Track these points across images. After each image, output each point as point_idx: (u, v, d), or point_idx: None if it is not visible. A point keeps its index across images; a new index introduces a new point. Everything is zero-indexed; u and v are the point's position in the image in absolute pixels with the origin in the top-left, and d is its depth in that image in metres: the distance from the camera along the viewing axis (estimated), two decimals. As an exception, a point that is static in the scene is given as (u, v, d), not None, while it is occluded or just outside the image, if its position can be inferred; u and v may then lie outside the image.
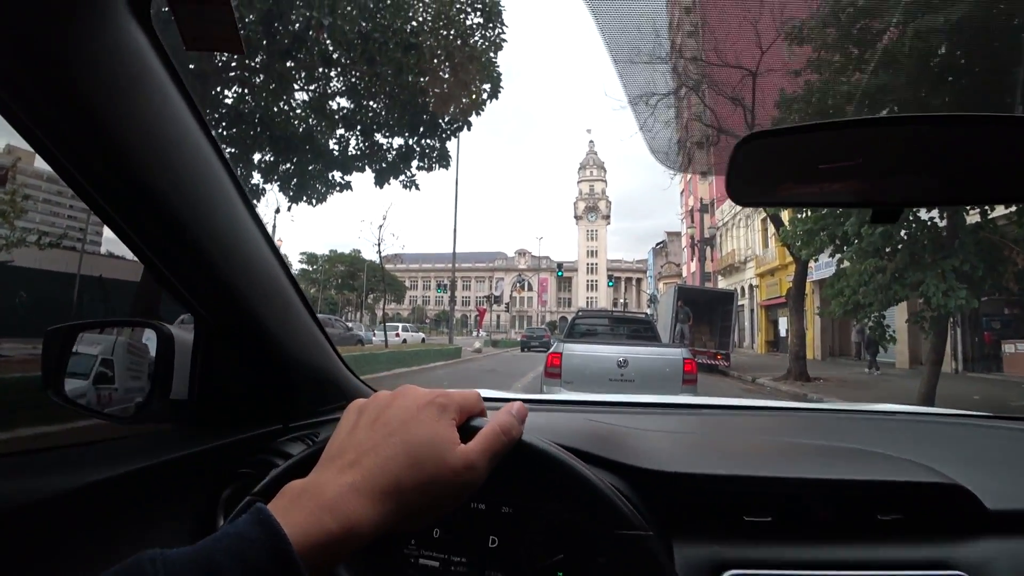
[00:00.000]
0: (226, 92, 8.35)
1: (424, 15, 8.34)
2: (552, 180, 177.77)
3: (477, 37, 8.69)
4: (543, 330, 34.86)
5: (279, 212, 17.54)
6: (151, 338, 0.73)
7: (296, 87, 8.87)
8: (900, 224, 7.38)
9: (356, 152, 9.97)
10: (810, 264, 12.91)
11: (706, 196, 34.99)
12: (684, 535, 0.60)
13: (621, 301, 74.15)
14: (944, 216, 7.26)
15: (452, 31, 8.41)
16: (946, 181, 0.64)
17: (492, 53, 8.87)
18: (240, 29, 0.58)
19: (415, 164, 10.05)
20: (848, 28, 7.73)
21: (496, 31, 8.74)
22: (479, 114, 9.55)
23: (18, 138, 0.50)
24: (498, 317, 69.13)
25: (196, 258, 0.62)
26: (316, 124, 9.37)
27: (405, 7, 7.91)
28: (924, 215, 7.48)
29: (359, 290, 51.39)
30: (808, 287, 13.83)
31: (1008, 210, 7.29)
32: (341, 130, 9.75)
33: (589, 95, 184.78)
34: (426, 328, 47.39)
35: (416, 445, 0.40)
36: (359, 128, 9.68)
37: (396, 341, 24.66)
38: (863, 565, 0.58)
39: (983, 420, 1.13)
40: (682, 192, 41.84)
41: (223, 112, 8.28)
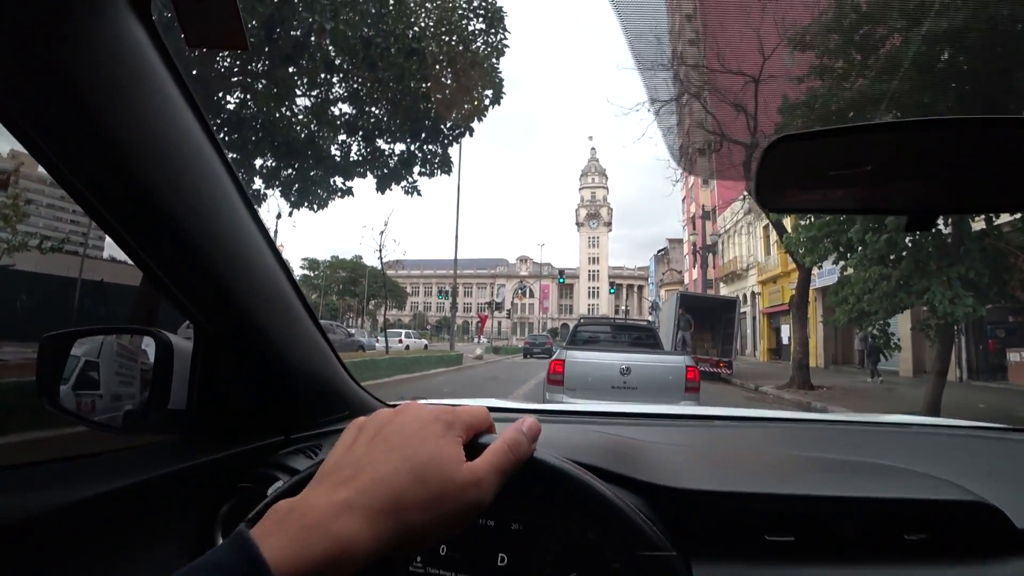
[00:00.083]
0: (228, 97, 8.37)
1: (426, 20, 8.36)
2: (554, 187, 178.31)
3: (479, 43, 8.70)
4: (545, 337, 35.05)
5: (280, 217, 17.55)
6: (149, 346, 0.71)
7: (298, 93, 8.89)
8: (904, 231, 7.34)
9: (358, 158, 9.97)
10: (813, 271, 12.86)
11: (708, 203, 35.01)
12: (704, 556, 0.58)
13: (623, 308, 74.12)
14: (949, 223, 7.20)
15: (454, 37, 8.42)
16: (988, 186, 0.60)
17: (494, 59, 8.89)
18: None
19: (417, 170, 10.05)
20: (851, 34, 7.73)
21: (498, 37, 8.75)
22: (481, 120, 9.58)
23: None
24: (499, 324, 69.04)
25: (196, 263, 0.60)
26: (318, 130, 9.38)
27: (407, 12, 7.93)
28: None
29: (361, 296, 51.45)
30: (811, 294, 13.77)
31: (1013, 217, 7.24)
32: (343, 136, 9.76)
33: (591, 102, 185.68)
34: (427, 334, 47.45)
35: (420, 462, 0.38)
36: (361, 134, 9.69)
37: (399, 347, 24.64)
38: None
39: (1000, 432, 1.09)
40: (684, 199, 41.86)
41: (225, 117, 8.29)
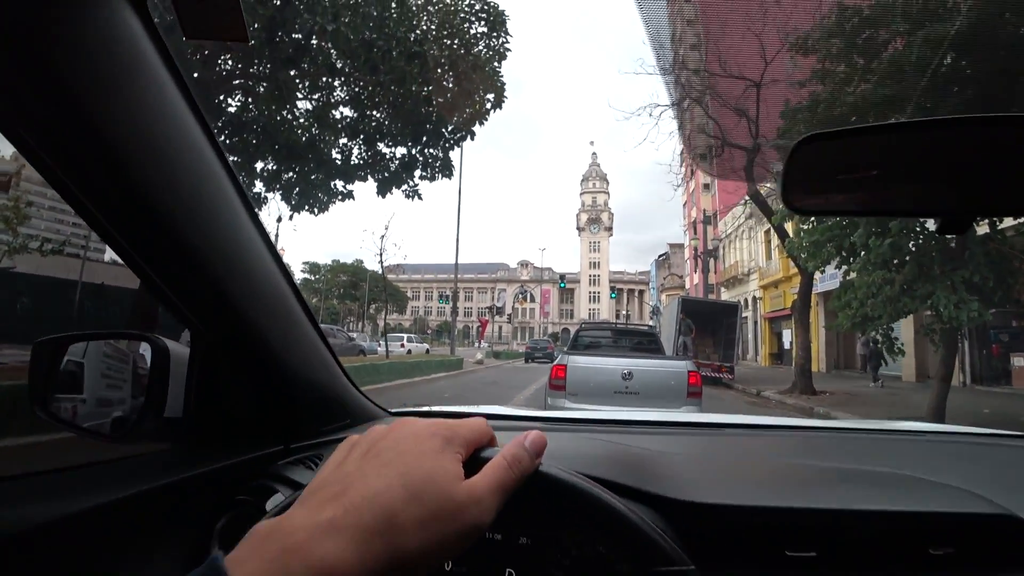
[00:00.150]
0: (229, 100, 8.36)
1: (428, 24, 8.35)
2: (555, 191, 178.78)
3: (481, 46, 8.70)
4: (547, 341, 35.23)
5: (281, 221, 17.52)
6: (146, 351, 0.69)
7: (299, 96, 8.88)
8: (908, 235, 7.31)
9: (359, 161, 9.96)
10: (815, 276, 12.82)
11: (709, 208, 35.00)
12: (722, 572, 0.56)
13: (623, 313, 74.04)
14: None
15: (456, 40, 8.42)
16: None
17: (496, 62, 8.87)
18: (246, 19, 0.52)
19: (418, 174, 10.03)
20: (853, 38, 7.71)
21: (500, 40, 8.74)
22: (483, 124, 9.59)
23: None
24: (500, 328, 68.96)
25: (193, 266, 0.58)
26: (319, 133, 9.37)
27: (409, 16, 7.92)
28: (932, 226, 7.37)
29: (361, 300, 51.41)
30: (813, 299, 13.71)
31: (1017, 221, 7.20)
32: (344, 139, 9.75)
33: (592, 107, 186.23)
34: (428, 339, 47.38)
35: (415, 478, 0.35)
36: (362, 137, 9.67)
37: (401, 352, 24.60)
38: None
39: (1016, 440, 1.06)
40: (685, 204, 41.86)
41: (226, 120, 8.28)
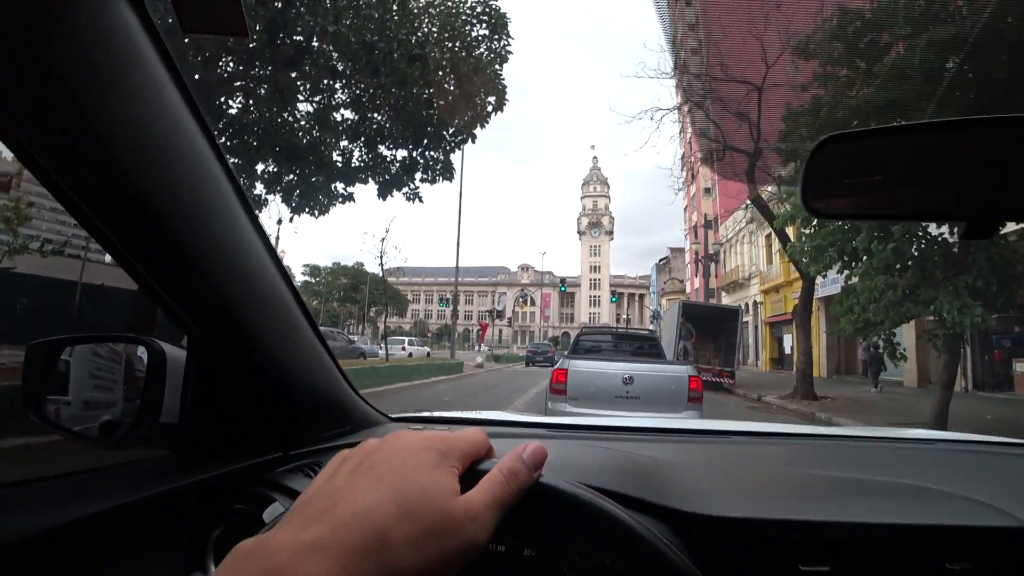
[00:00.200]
0: (230, 102, 8.35)
1: (429, 26, 8.35)
2: (556, 195, 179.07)
3: (483, 49, 8.69)
4: (547, 345, 35.42)
5: (281, 223, 17.49)
6: (142, 355, 0.68)
7: (300, 98, 8.88)
8: (911, 240, 7.28)
9: (359, 164, 9.96)
10: (816, 281, 12.78)
11: (710, 212, 35.00)
12: None
13: (624, 317, 73.99)
14: (955, 231, 7.13)
15: (457, 42, 8.41)
16: None
17: (497, 65, 8.86)
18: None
19: (418, 176, 10.03)
20: (855, 42, 7.70)
21: (501, 43, 8.73)
22: (484, 126, 9.57)
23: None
24: (500, 332, 68.91)
25: (189, 269, 0.56)
26: (320, 135, 9.36)
27: (410, 18, 7.91)
28: (934, 230, 7.36)
29: (361, 303, 51.38)
30: (814, 304, 13.66)
31: (1019, 226, 7.16)
32: (345, 141, 9.75)
33: (593, 110, 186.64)
34: (429, 342, 47.36)
35: (408, 493, 0.33)
36: (363, 139, 9.67)
37: (402, 355, 24.59)
38: None
39: None
40: (686, 208, 41.85)
41: (227, 122, 8.27)
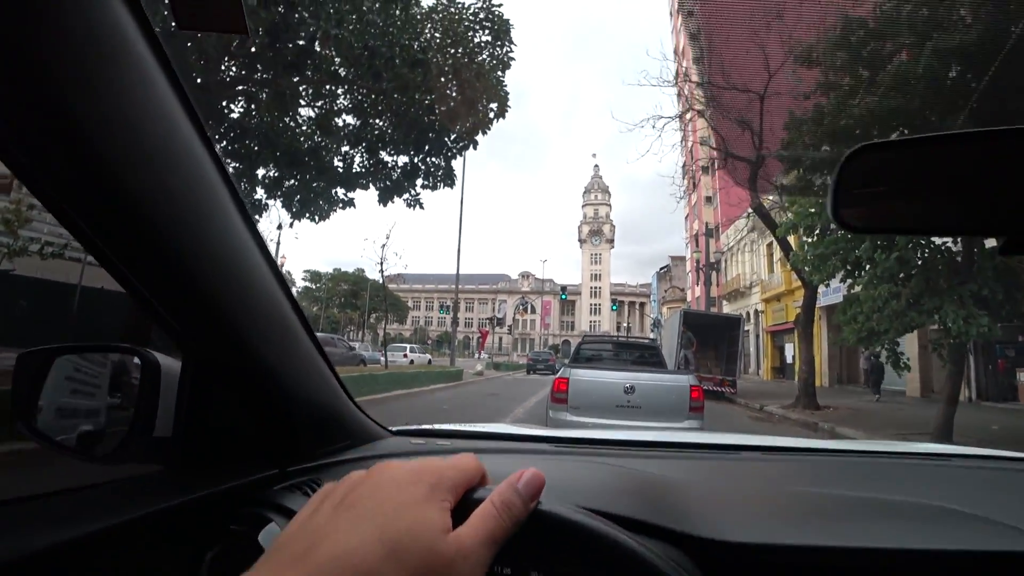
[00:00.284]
0: (231, 106, 8.35)
1: (432, 31, 8.35)
2: (557, 203, 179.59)
3: (485, 55, 8.69)
4: (548, 353, 35.83)
5: (282, 228, 17.48)
6: (137, 365, 0.65)
7: (302, 103, 8.88)
8: (915, 249, 7.25)
9: (361, 169, 9.96)
10: (818, 290, 12.75)
11: (711, 220, 35.03)
12: None
13: (624, 325, 73.92)
14: (958, 240, 7.10)
15: (460, 48, 8.41)
16: None
17: (500, 71, 8.86)
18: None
19: (420, 182, 10.03)
20: (858, 50, 7.70)
21: (504, 49, 8.73)
22: (486, 133, 9.56)
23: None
24: (500, 339, 68.82)
25: (182, 276, 0.54)
26: (321, 140, 9.36)
27: (413, 23, 7.92)
28: (937, 239, 7.33)
29: (362, 309, 51.37)
30: (816, 313, 13.62)
31: None
32: (346, 147, 9.75)
33: (594, 118, 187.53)
34: (430, 349, 47.33)
35: (395, 532, 0.31)
36: (364, 145, 9.67)
37: (404, 362, 24.60)
38: None
39: None
40: (687, 216, 41.90)
41: (228, 126, 8.26)
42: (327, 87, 8.70)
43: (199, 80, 7.25)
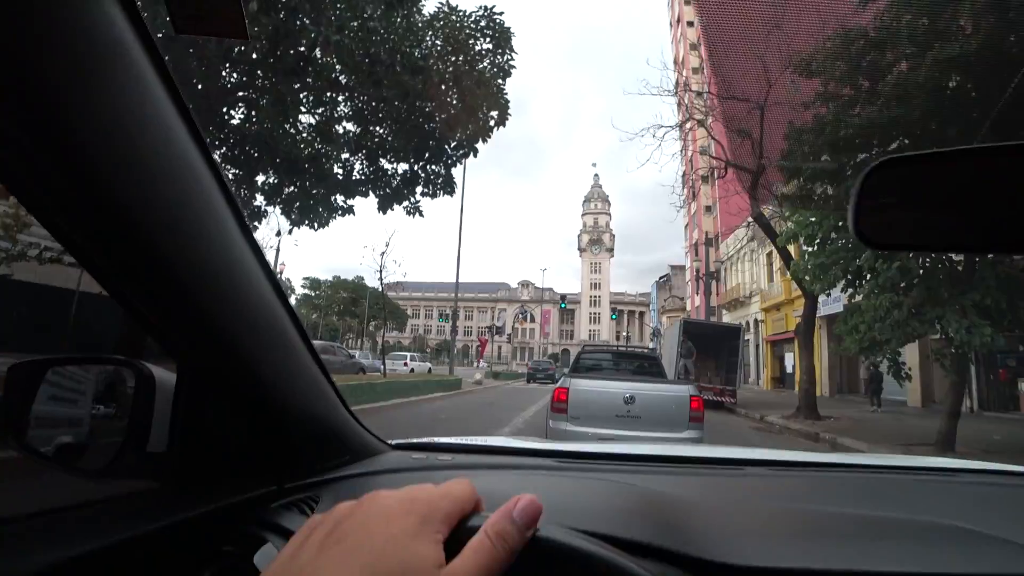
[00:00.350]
0: (231, 112, 8.35)
1: (433, 39, 8.38)
2: (556, 211, 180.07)
3: (486, 63, 8.71)
4: (548, 363, 36.34)
5: (281, 235, 17.47)
6: (130, 378, 0.64)
7: (302, 110, 8.89)
8: (916, 258, 7.23)
9: (360, 176, 9.96)
10: (819, 299, 12.74)
11: (711, 230, 35.10)
12: None
13: (624, 334, 73.88)
14: (960, 250, 7.09)
15: (461, 56, 8.43)
16: None
17: (500, 79, 8.89)
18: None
19: (419, 190, 10.04)
20: (858, 61, 7.73)
21: (505, 57, 8.76)
22: (486, 141, 9.56)
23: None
24: (499, 348, 68.68)
25: (176, 287, 0.52)
26: (321, 147, 9.36)
27: (414, 30, 7.94)
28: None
29: (361, 317, 51.29)
30: (816, 323, 13.60)
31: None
32: (346, 154, 9.76)
33: (595, 127, 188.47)
34: (429, 357, 47.28)
35: (385, 568, 0.30)
36: (364, 152, 9.68)
37: (404, 370, 24.56)
38: None
39: None
40: (687, 226, 42.00)
41: (228, 132, 8.26)
42: (328, 94, 8.71)
43: (199, 86, 7.26)
